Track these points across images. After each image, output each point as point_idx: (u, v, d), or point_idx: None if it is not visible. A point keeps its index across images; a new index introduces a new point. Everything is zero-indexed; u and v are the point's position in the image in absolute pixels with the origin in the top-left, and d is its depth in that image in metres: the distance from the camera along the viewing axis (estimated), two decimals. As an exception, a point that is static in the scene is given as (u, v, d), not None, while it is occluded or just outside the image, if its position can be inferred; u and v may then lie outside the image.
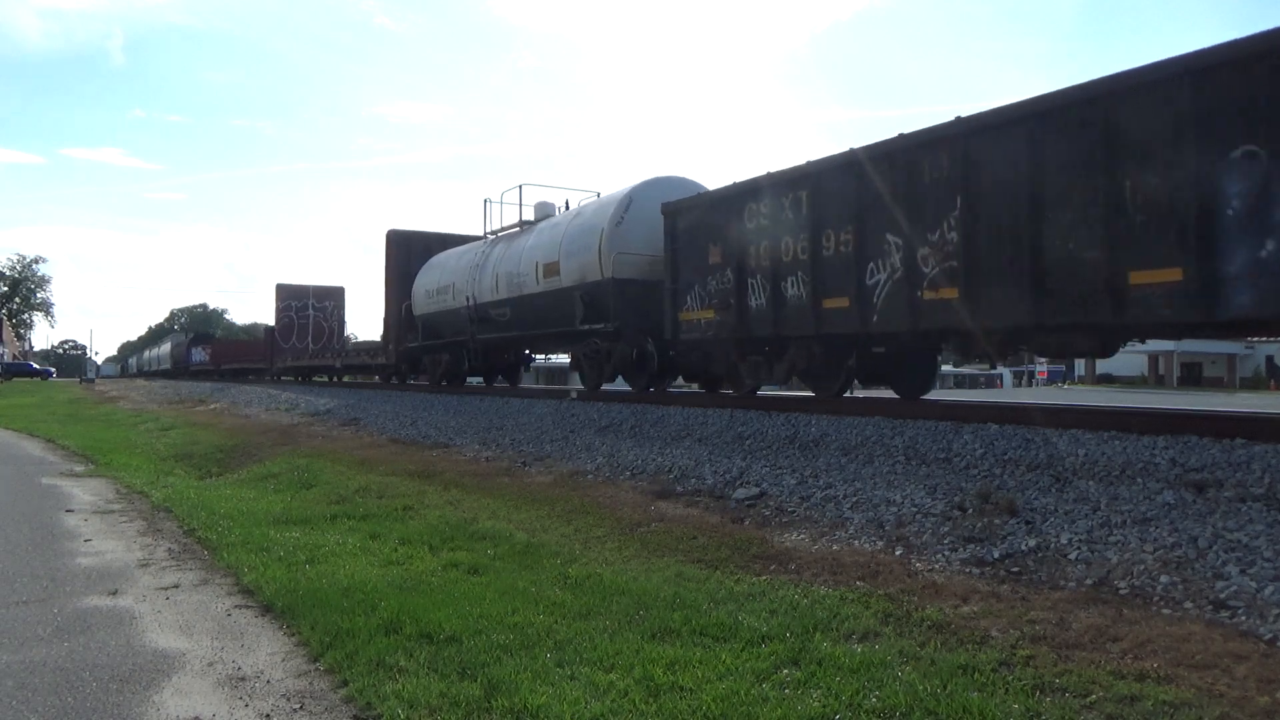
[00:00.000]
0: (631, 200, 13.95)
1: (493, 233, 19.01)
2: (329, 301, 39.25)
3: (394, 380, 24.56)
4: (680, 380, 15.79)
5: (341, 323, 39.35)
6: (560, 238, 15.16)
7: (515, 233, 17.86)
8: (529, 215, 17.84)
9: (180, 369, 58.01)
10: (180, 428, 18.10)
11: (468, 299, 18.38)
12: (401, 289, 22.10)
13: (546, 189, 20.75)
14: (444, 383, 20.88)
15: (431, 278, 20.70)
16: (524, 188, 18.34)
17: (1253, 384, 55.16)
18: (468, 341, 18.77)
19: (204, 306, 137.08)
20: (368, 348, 28.28)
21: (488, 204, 19.36)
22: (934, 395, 11.18)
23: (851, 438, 8.00)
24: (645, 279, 13.48)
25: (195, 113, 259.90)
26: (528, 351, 20.28)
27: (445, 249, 21.52)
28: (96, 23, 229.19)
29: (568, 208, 16.76)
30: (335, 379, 32.75)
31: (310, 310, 38.43)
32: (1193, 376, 59.62)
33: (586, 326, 14.23)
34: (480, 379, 21.12)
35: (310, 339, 37.64)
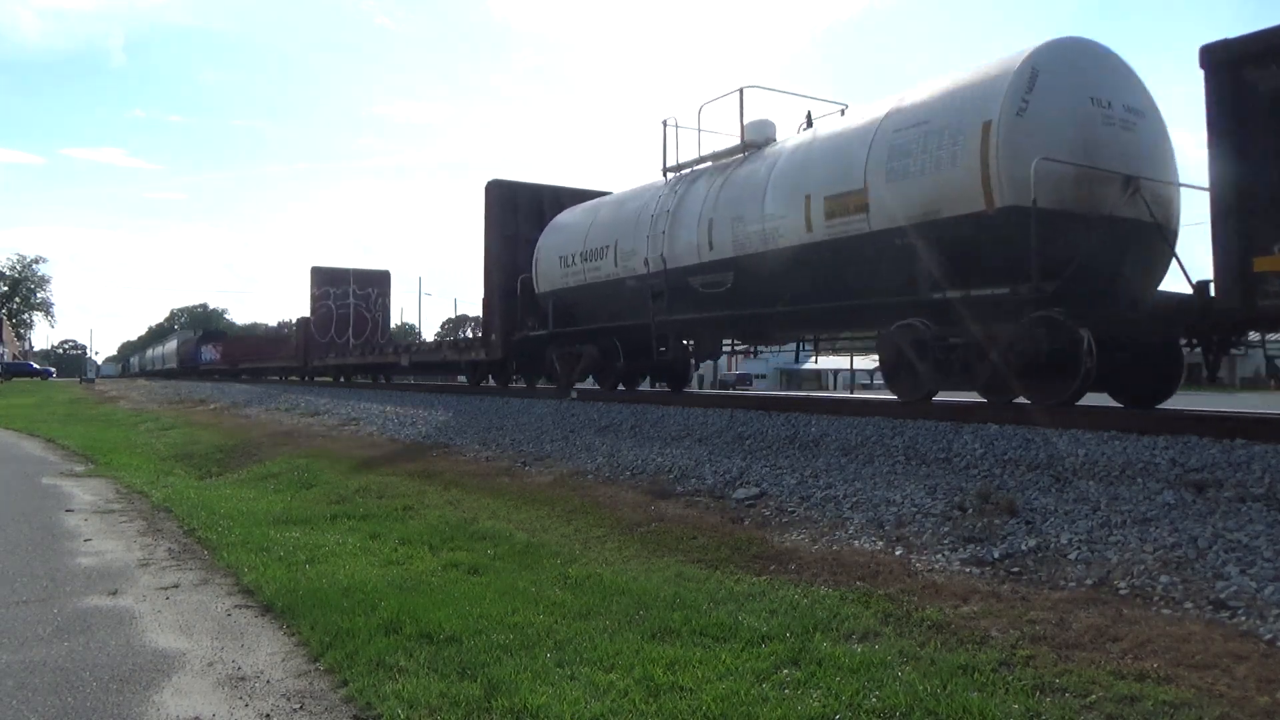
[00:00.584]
0: (1036, 74, 8.03)
1: (674, 168, 13.37)
2: (372, 288, 33.37)
3: (489, 381, 18.57)
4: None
5: (386, 313, 34.02)
6: (865, 150, 9.29)
7: (731, 162, 12.14)
8: (718, 144, 12.64)
9: (188, 369, 54.99)
10: (180, 428, 18.10)
11: (646, 262, 12.80)
12: (509, 259, 16.63)
13: (774, 93, 15.47)
14: (618, 386, 14.62)
15: (567, 239, 15.06)
16: (746, 91, 12.17)
17: (1253, 384, 55.17)
18: (648, 326, 12.96)
19: (204, 306, 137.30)
20: (454, 343, 23.82)
21: (670, 127, 13.24)
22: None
23: (851, 438, 7.99)
24: (1072, 210, 7.88)
25: (195, 113, 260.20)
26: (729, 341, 13.87)
27: (563, 206, 16.41)
28: (97, 22, 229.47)
29: (809, 124, 11.31)
30: (383, 379, 27.17)
31: (351, 299, 32.71)
32: (1193, 376, 59.55)
33: (955, 294, 8.41)
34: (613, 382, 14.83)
35: (351, 332, 32.05)
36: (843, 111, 11.41)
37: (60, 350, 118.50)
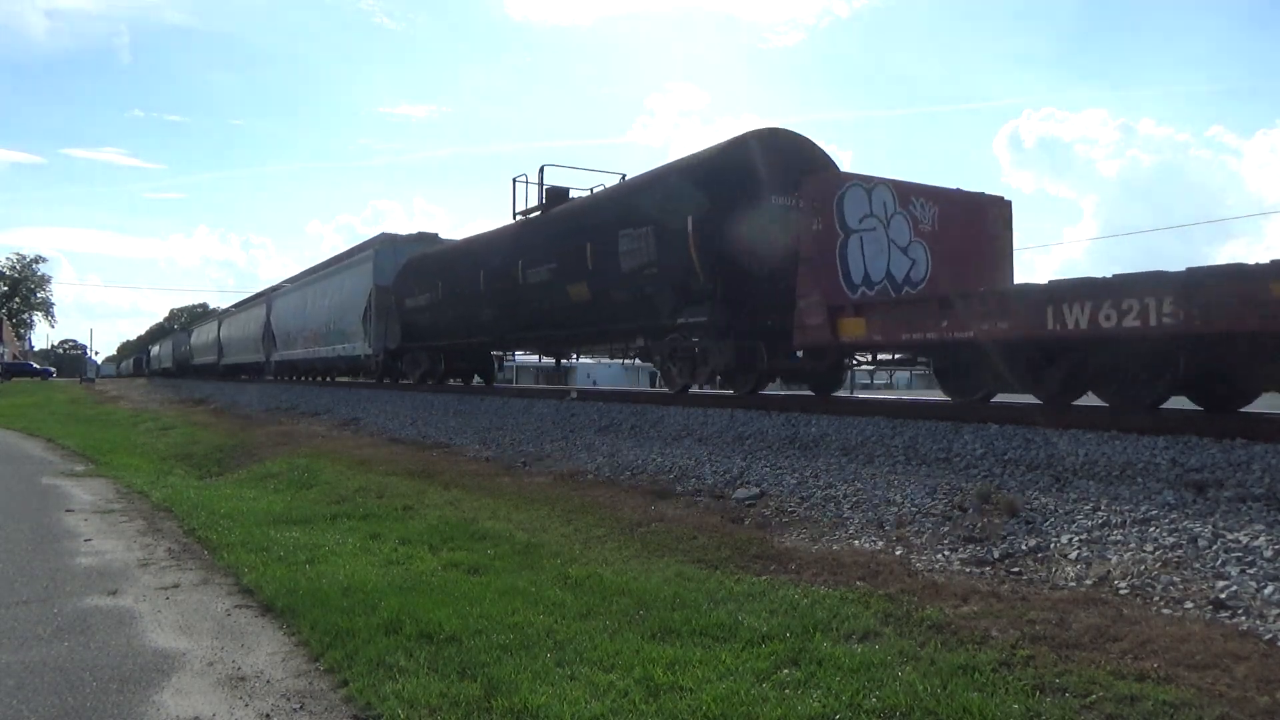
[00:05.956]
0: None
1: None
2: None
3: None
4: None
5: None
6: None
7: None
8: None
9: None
10: (180, 428, 18.09)
11: None
12: None
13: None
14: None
15: None
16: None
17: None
18: None
19: (204, 306, 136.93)
20: None
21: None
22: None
23: (851, 438, 7.99)
24: None
25: (195, 113, 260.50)
26: None
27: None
28: (101, 22, 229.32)
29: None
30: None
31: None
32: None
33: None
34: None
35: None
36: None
37: (60, 350, 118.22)
